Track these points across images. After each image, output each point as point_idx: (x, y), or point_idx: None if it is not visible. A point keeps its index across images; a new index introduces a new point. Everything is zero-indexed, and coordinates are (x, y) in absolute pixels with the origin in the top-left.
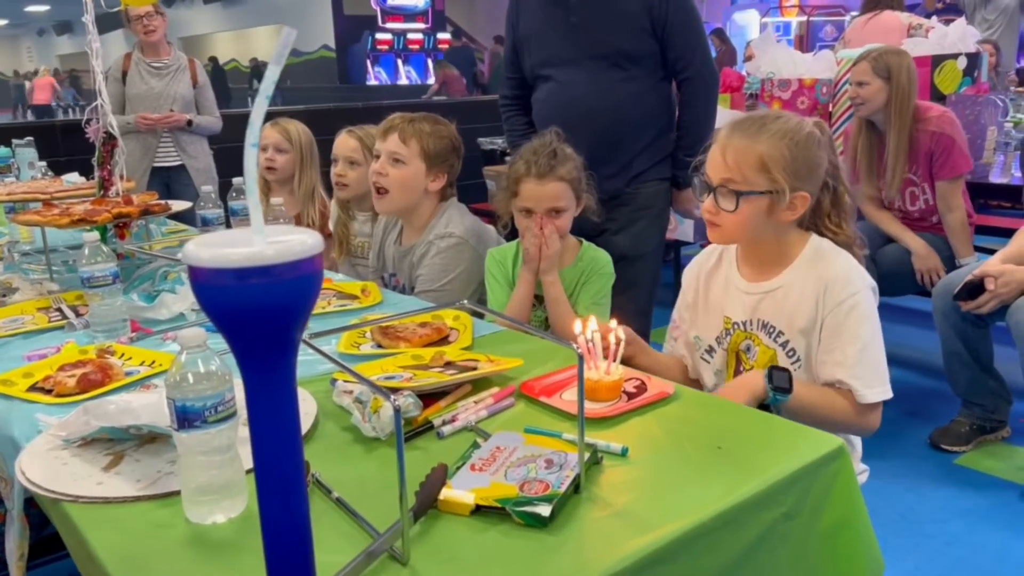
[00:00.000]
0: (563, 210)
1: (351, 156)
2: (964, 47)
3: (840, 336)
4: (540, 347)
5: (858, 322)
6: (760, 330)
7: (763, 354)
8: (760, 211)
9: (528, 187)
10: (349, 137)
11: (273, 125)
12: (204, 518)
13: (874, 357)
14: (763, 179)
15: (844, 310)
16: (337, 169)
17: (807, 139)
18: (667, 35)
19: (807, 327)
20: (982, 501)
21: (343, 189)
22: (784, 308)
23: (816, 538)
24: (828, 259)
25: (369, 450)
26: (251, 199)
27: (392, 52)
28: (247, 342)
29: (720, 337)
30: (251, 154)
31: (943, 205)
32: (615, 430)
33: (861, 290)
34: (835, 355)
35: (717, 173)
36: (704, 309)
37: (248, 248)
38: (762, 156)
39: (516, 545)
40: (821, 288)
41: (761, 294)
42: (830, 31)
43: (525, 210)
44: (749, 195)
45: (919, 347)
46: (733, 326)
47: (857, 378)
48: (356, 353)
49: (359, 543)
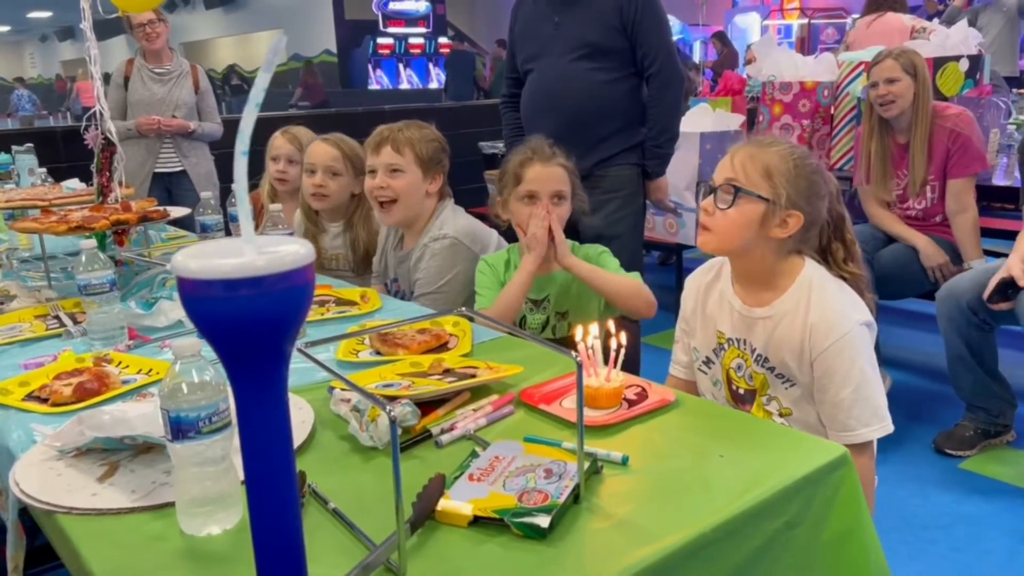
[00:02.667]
0: (565, 197)
1: (332, 166)
2: (966, 49)
3: (832, 379)
4: (540, 353)
5: (849, 364)
6: (751, 354)
7: (755, 376)
8: (754, 218)
9: (534, 170)
10: (328, 146)
11: (283, 133)
12: (199, 530)
13: (869, 395)
14: (765, 184)
15: (832, 354)
16: (316, 180)
17: (814, 165)
18: (636, 33)
19: (794, 363)
20: (987, 506)
21: (322, 200)
22: (772, 340)
23: (820, 548)
24: (816, 297)
25: (367, 460)
26: (242, 209)
27: (394, 56)
28: (237, 354)
29: (716, 350)
30: (241, 162)
31: (955, 205)
32: (615, 438)
33: (849, 331)
34: (829, 395)
35: (721, 174)
36: (702, 321)
37: (238, 259)
38: (768, 164)
39: (514, 557)
40: (806, 333)
41: (753, 319)
42: (831, 33)
43: (528, 196)
44: (748, 194)
45: (922, 350)
46: (728, 341)
47: (855, 418)
48: (354, 360)
49: (355, 555)
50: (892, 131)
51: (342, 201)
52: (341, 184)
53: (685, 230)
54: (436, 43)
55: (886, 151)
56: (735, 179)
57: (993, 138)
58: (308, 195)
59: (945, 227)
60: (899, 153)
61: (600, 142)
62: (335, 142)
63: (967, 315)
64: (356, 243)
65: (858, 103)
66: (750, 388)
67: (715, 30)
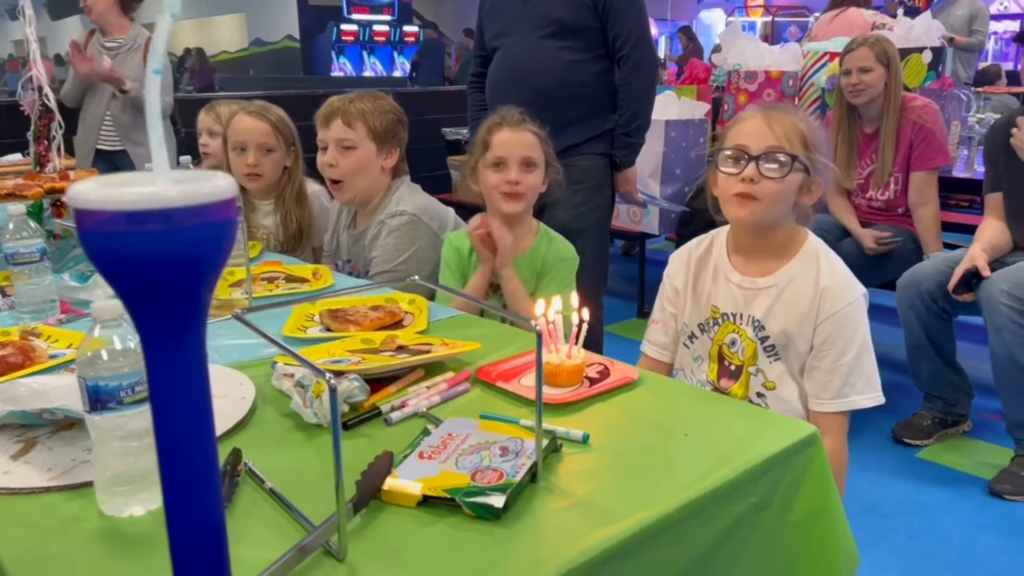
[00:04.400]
0: (535, 165)
1: (265, 143)
2: (929, 41)
3: (835, 344)
4: (499, 332)
5: (854, 330)
6: (748, 325)
7: (748, 347)
8: (796, 187)
9: (502, 135)
10: (256, 120)
11: (207, 110)
12: (120, 510)
13: (866, 364)
14: (805, 154)
15: (840, 319)
16: (248, 159)
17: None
18: (607, 12)
19: (795, 329)
20: (944, 495)
21: (256, 180)
22: (776, 307)
23: (789, 530)
24: (825, 263)
25: (310, 437)
26: (153, 135)
27: (358, 44)
28: (145, 301)
29: (705, 325)
30: (154, 81)
31: (917, 197)
32: (576, 416)
33: (857, 299)
34: (827, 361)
35: (763, 141)
36: (692, 296)
37: (146, 187)
38: (804, 132)
39: (466, 539)
40: (817, 297)
41: (756, 290)
42: (794, 31)
43: (496, 164)
44: (799, 161)
45: (881, 341)
46: (722, 317)
47: (850, 385)
48: (303, 336)
49: (293, 538)
50: (860, 120)
51: (276, 177)
52: (275, 160)
53: (649, 219)
54: (401, 31)
55: (852, 140)
56: (782, 147)
57: (954, 130)
58: (241, 176)
59: (907, 219)
60: (865, 142)
61: (567, 126)
62: (261, 114)
63: (927, 302)
64: (287, 220)
65: (822, 93)
66: (740, 364)
67: (681, 25)
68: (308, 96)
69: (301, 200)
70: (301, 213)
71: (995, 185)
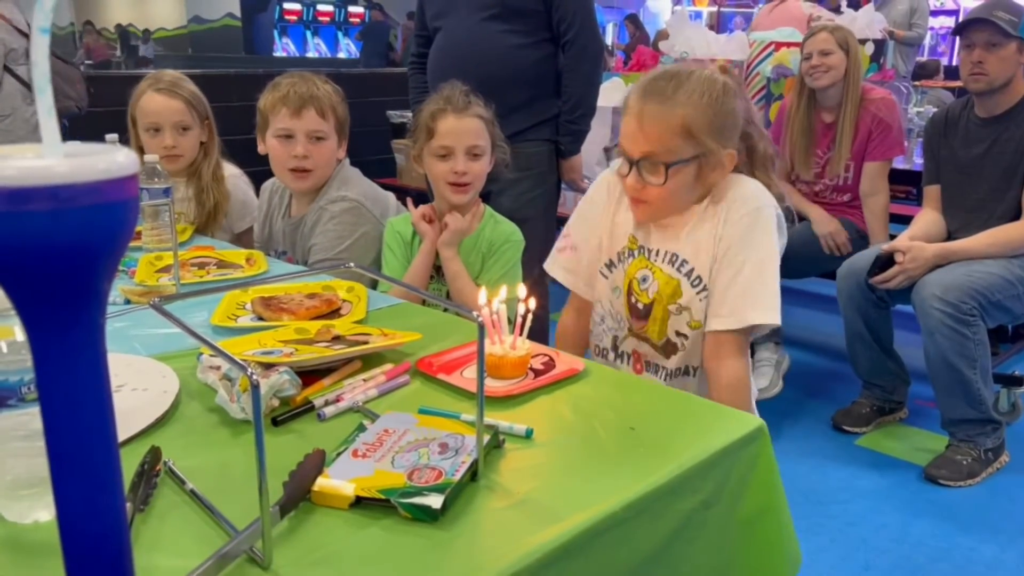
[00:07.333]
0: (482, 152)
1: (181, 121)
2: (871, 33)
3: (737, 254)
4: (441, 321)
5: (758, 241)
6: (665, 262)
7: (665, 285)
8: (689, 179)
9: (447, 123)
10: (169, 98)
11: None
12: (23, 516)
13: (767, 281)
14: (688, 145)
15: (742, 226)
16: (165, 141)
17: (724, 93)
18: None
19: (709, 251)
20: (882, 481)
21: (176, 161)
22: (692, 237)
23: (735, 527)
24: (734, 182)
25: (236, 435)
26: (42, 103)
27: (301, 23)
28: (29, 293)
29: (622, 254)
30: (41, 41)
31: (869, 187)
32: (519, 410)
33: (763, 206)
34: (726, 275)
35: (637, 146)
36: (612, 221)
37: (31, 161)
38: (683, 121)
39: (401, 543)
40: (724, 206)
41: (676, 228)
42: (739, 22)
43: (441, 153)
44: (677, 164)
45: (821, 330)
46: (639, 249)
47: (748, 300)
48: (233, 326)
49: (215, 543)
50: (819, 108)
51: (194, 156)
52: (192, 138)
53: None
54: (346, 12)
55: (811, 128)
56: (654, 153)
57: None
58: (158, 158)
59: (853, 207)
60: (822, 131)
61: (510, 112)
62: (173, 91)
63: (865, 292)
64: (203, 196)
65: (767, 83)
66: (648, 302)
67: (627, 13)
68: (250, 76)
69: (218, 177)
70: (219, 189)
71: (933, 177)
